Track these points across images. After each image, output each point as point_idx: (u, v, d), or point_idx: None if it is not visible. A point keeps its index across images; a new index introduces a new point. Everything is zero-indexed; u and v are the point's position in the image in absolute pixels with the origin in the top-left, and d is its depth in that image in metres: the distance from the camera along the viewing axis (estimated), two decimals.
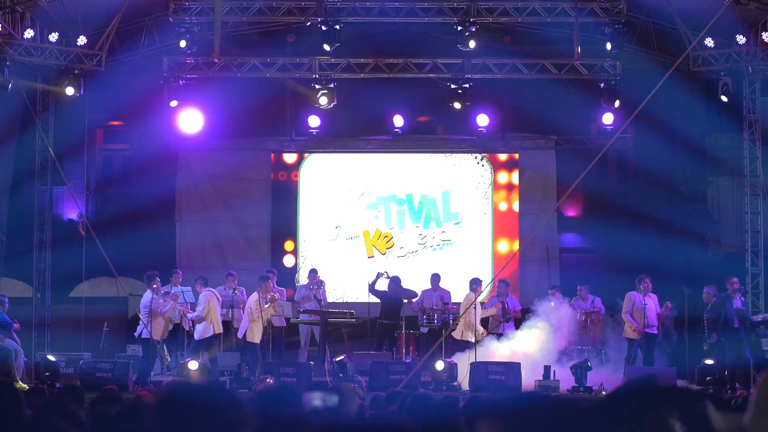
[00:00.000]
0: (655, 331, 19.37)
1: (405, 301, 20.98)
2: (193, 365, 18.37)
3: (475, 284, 19.85)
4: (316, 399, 3.53)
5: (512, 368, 18.30)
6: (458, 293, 20.84)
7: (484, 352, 19.20)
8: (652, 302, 19.25)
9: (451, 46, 21.77)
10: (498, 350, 19.44)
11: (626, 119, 19.27)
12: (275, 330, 20.15)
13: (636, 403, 3.40)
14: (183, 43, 21.17)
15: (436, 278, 21.22)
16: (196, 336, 19.29)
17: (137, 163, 23.95)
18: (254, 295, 19.30)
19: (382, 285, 20.91)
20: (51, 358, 19.23)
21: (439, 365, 18.35)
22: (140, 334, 19.30)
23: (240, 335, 19.36)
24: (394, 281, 20.95)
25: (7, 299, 19.22)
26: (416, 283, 21.54)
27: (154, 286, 19.17)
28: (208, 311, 19.06)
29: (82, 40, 21.20)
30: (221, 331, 19.32)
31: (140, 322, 19.18)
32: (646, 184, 23.24)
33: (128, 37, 22.78)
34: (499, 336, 20.05)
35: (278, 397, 3.90)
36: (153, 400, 3.38)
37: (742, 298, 19.67)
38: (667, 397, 3.43)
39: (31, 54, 20.79)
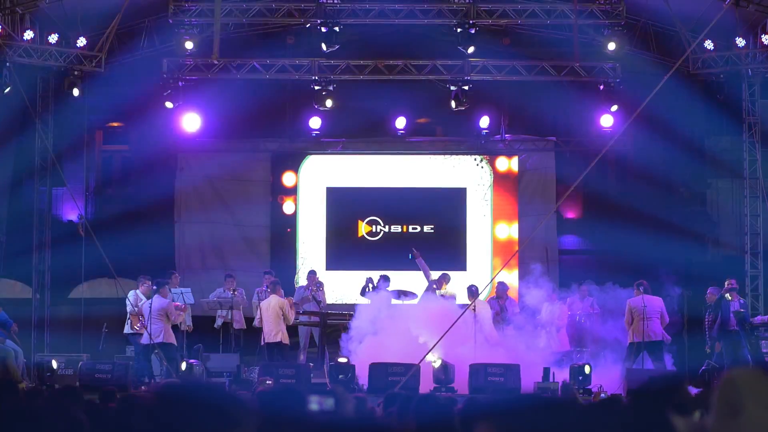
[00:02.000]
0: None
1: (395, 302, 20.91)
2: (182, 365, 18.53)
3: (472, 291, 20.01)
4: (312, 402, 3.54)
5: (511, 370, 18.29)
6: (461, 295, 20.80)
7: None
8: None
9: (450, 47, 21.78)
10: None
11: (626, 121, 19.29)
12: None
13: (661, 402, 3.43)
14: (189, 45, 21.19)
15: (444, 279, 21.21)
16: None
17: (137, 164, 23.94)
18: (282, 300, 19.38)
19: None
20: (54, 364, 19.17)
21: (437, 363, 18.32)
22: (134, 333, 19.30)
23: (273, 338, 19.26)
24: (382, 281, 20.92)
25: None
26: (420, 284, 21.55)
27: (154, 288, 19.19)
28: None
29: (81, 42, 21.21)
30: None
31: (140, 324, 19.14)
32: (645, 186, 23.25)
33: (128, 39, 22.78)
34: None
35: (281, 398, 3.90)
36: (147, 399, 3.38)
37: (741, 300, 19.69)
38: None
39: (30, 55, 20.79)
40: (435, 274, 21.11)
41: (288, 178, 24.09)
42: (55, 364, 19.16)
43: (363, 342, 18.91)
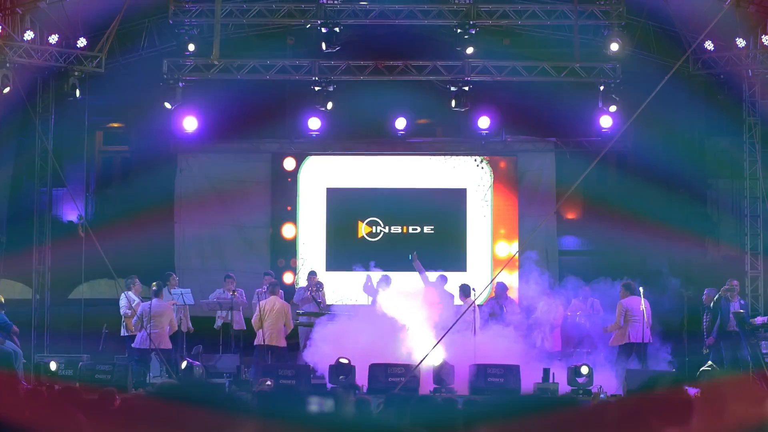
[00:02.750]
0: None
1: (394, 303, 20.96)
2: (183, 364, 18.62)
3: (464, 290, 20.08)
4: (313, 404, 3.54)
5: (511, 371, 18.30)
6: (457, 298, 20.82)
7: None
8: None
9: (450, 48, 21.78)
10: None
11: (626, 122, 19.28)
12: None
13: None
14: (192, 47, 21.19)
15: (442, 280, 21.20)
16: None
17: (136, 164, 23.94)
18: (285, 304, 19.56)
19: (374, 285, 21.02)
20: (53, 365, 19.14)
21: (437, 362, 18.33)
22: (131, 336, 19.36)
23: (275, 342, 19.38)
24: (384, 282, 20.94)
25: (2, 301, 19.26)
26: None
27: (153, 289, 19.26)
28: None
29: (81, 42, 21.19)
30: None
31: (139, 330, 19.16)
32: (645, 187, 23.23)
33: (128, 39, 22.78)
34: None
35: (281, 399, 3.90)
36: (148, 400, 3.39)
37: (742, 301, 19.67)
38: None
39: (30, 56, 20.78)
40: (432, 276, 21.14)
41: (288, 179, 24.08)
42: (54, 365, 19.15)
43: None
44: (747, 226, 21.77)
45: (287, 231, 23.97)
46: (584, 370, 18.41)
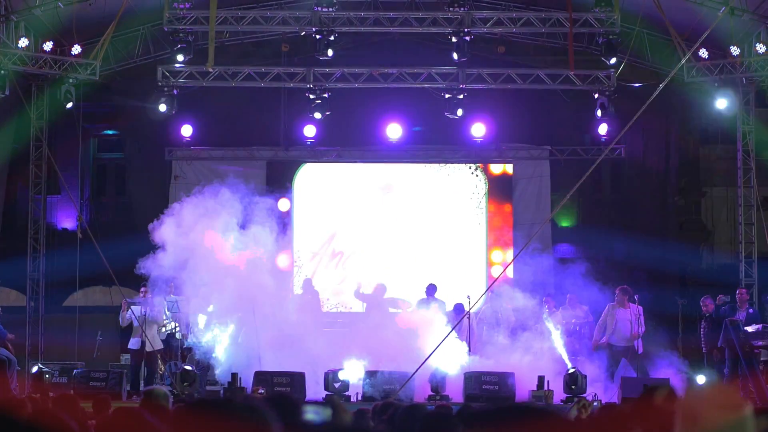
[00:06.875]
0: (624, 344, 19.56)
1: (392, 310, 20.98)
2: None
3: (459, 310, 20.12)
4: (309, 413, 3.54)
5: (505, 378, 18.30)
6: (453, 304, 20.79)
7: None
8: (627, 314, 19.47)
9: (445, 56, 21.80)
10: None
11: (620, 129, 19.33)
12: None
13: None
14: (181, 57, 21.21)
15: (431, 289, 21.19)
16: None
17: (131, 172, 23.94)
18: None
19: (367, 290, 21.03)
20: (48, 372, 19.16)
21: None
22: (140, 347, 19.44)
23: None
24: (379, 289, 20.94)
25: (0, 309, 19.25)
26: (413, 293, 21.54)
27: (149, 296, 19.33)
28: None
29: (76, 50, 21.19)
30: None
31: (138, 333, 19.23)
32: (640, 195, 23.27)
33: (123, 47, 22.78)
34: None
35: (275, 407, 3.90)
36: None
37: (750, 310, 19.49)
38: None
39: (25, 63, 20.78)
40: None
41: (283, 185, 24.07)
42: (49, 373, 19.13)
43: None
44: (741, 234, 21.79)
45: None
46: (579, 378, 18.38)
